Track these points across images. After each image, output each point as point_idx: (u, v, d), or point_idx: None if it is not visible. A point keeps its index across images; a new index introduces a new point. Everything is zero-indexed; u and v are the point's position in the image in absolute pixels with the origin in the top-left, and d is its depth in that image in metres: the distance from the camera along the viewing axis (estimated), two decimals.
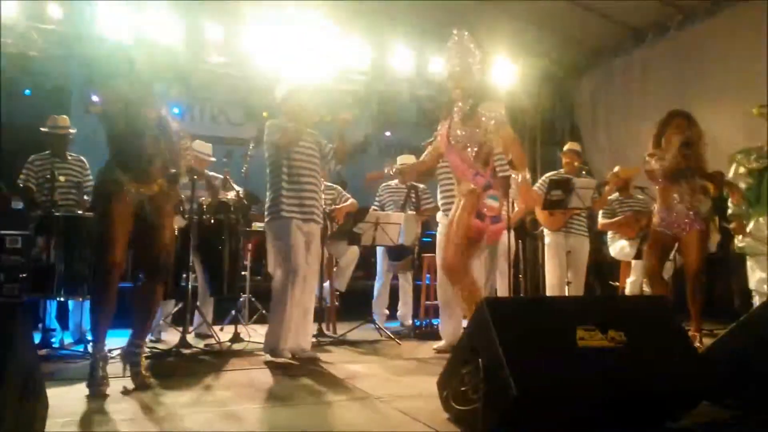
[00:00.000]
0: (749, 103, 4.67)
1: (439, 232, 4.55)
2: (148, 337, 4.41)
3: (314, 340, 4.62)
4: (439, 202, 4.64)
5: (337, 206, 5.55)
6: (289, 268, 3.81)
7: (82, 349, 4.09)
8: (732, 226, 4.64)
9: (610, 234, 6.10)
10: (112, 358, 3.79)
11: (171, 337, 4.66)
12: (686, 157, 4.15)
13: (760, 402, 2.39)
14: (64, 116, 5.06)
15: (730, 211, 4.63)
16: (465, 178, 3.54)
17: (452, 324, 4.41)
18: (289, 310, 3.79)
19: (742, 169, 4.53)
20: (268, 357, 3.87)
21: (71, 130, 5.00)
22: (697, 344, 3.58)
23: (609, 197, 5.97)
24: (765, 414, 2.38)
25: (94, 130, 6.44)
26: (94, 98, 3.14)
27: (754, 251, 4.58)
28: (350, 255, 5.68)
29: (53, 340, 4.33)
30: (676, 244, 4.43)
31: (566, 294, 5.19)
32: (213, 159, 5.34)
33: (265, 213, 4.01)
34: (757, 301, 4.53)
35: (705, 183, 4.24)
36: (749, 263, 4.68)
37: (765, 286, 4.46)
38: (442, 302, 4.56)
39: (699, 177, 4.23)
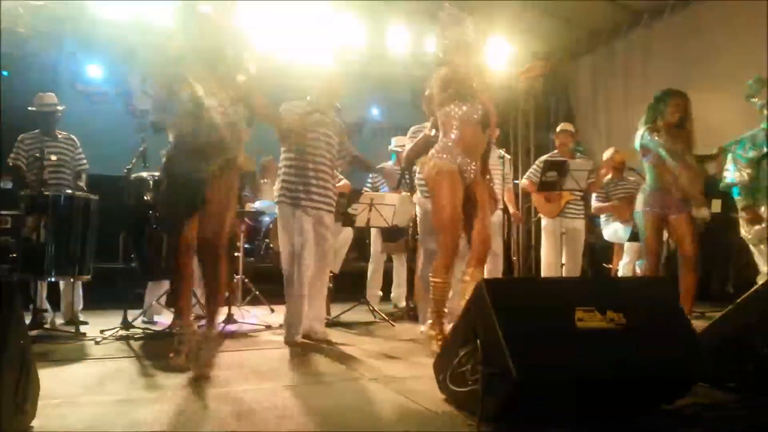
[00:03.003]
0: None
1: (425, 214, 4.45)
2: (141, 319, 4.41)
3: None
4: (419, 185, 4.54)
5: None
6: (293, 253, 3.83)
7: (73, 330, 4.06)
8: (746, 217, 4.58)
9: (603, 217, 6.12)
10: (104, 339, 3.81)
11: (164, 318, 4.63)
12: (679, 137, 4.11)
13: (759, 384, 2.40)
14: (51, 94, 4.97)
15: (743, 203, 4.56)
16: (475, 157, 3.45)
17: None
18: (296, 293, 3.83)
19: (741, 161, 4.48)
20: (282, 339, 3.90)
21: (59, 108, 4.92)
22: None
23: (605, 178, 5.99)
24: (764, 396, 2.39)
25: (83, 107, 6.40)
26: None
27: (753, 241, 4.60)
28: (344, 236, 5.66)
29: (44, 321, 4.30)
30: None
31: (562, 276, 5.20)
32: None
33: (275, 195, 4.02)
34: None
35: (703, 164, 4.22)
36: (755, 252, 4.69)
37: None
38: (426, 285, 4.45)
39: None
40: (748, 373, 2.42)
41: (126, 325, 4.06)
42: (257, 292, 5.64)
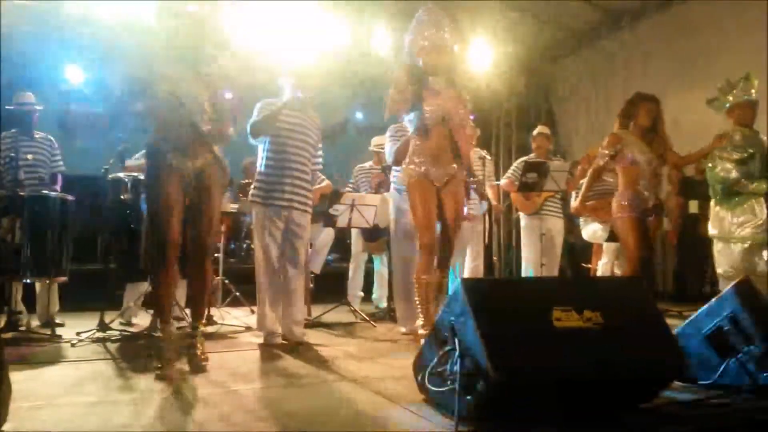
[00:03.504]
0: None
1: (398, 214, 4.45)
2: (118, 320, 4.36)
3: None
4: (394, 181, 4.52)
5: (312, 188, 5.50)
6: (261, 253, 3.83)
7: (49, 332, 4.00)
8: None
9: (582, 217, 6.16)
10: (81, 341, 3.76)
11: (142, 320, 4.59)
12: (653, 141, 4.16)
13: (733, 380, 2.44)
14: (29, 93, 4.90)
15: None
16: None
17: (412, 310, 4.05)
18: (265, 293, 3.84)
19: (728, 164, 4.48)
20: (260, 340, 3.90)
21: (37, 107, 4.85)
22: None
23: (581, 179, 6.03)
24: (740, 392, 2.42)
25: (63, 108, 6.30)
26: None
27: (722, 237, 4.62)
28: (325, 237, 5.65)
29: (20, 322, 4.23)
30: None
31: (541, 276, 5.24)
32: None
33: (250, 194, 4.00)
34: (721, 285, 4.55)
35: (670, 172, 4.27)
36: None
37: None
38: (402, 288, 4.38)
39: (664, 163, 4.25)
40: (723, 371, 2.46)
41: (103, 327, 4.01)
42: (238, 293, 5.61)
